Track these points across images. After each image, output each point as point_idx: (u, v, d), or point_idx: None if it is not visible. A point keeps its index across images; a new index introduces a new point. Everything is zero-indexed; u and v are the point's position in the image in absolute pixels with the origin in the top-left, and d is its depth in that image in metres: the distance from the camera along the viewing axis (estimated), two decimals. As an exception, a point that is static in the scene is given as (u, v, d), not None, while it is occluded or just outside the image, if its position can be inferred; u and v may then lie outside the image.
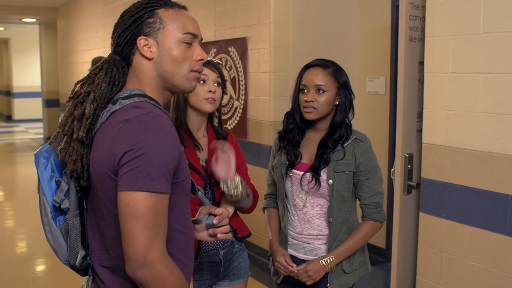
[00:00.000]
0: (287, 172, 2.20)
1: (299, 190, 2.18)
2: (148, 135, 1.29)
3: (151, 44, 1.42)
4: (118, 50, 1.45)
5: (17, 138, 13.70)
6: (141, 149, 1.27)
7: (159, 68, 1.43)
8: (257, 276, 4.18)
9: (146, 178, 1.26)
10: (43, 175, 1.43)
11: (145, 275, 1.26)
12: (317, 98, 2.11)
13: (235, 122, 4.87)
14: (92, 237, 1.45)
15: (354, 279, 2.20)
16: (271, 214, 2.34)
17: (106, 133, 1.35)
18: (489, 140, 2.55)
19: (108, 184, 1.34)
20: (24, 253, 5.15)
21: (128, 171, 1.27)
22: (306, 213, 2.18)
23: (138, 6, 1.44)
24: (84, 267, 1.48)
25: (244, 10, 4.67)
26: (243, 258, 2.29)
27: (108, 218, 1.38)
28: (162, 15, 1.43)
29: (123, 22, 1.44)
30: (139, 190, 1.26)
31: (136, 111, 1.34)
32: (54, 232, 1.45)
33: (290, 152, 2.20)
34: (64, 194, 1.41)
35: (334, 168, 2.10)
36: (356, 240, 2.14)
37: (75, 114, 1.39)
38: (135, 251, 1.26)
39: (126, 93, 1.41)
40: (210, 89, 2.11)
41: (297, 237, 2.22)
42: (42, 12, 11.43)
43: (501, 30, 2.48)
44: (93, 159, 1.38)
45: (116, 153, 1.29)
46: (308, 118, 2.14)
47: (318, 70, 2.15)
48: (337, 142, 2.12)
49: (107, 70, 1.44)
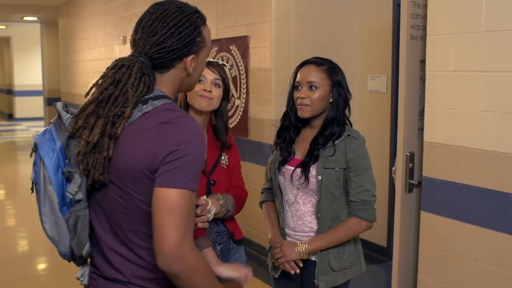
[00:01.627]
0: (279, 167, 2.22)
1: (290, 185, 2.20)
2: (190, 138, 1.37)
3: (194, 61, 1.51)
4: (158, 61, 1.46)
5: (18, 137, 13.71)
6: (184, 150, 1.35)
7: (189, 80, 1.56)
8: (257, 274, 4.18)
9: (186, 177, 1.35)
10: (50, 164, 1.43)
11: (179, 266, 1.34)
12: (310, 94, 2.12)
13: (237, 121, 4.87)
14: (101, 229, 1.49)
15: (344, 278, 2.19)
16: (269, 207, 2.36)
17: (142, 133, 1.40)
18: (490, 138, 2.55)
19: (144, 183, 1.39)
20: (25, 251, 5.16)
21: (170, 169, 1.34)
22: (298, 210, 2.20)
23: (190, 22, 1.48)
24: (89, 256, 1.53)
25: (245, 8, 4.67)
26: (240, 254, 2.31)
27: (133, 213, 1.43)
28: (204, 33, 1.53)
29: (175, 38, 1.45)
30: (179, 187, 1.34)
31: (172, 114, 1.41)
32: (59, 223, 1.46)
33: (283, 149, 2.23)
34: (77, 186, 1.43)
35: (323, 164, 2.11)
36: (336, 233, 2.12)
37: (108, 131, 1.40)
38: (170, 245, 1.32)
39: (152, 93, 1.46)
40: (205, 87, 2.13)
41: (291, 234, 2.24)
42: (43, 10, 11.44)
43: (503, 28, 2.48)
44: (125, 159, 1.40)
45: (158, 152, 1.36)
46: (302, 116, 2.15)
47: (311, 67, 2.16)
48: (328, 139, 2.13)
49: (149, 85, 1.45)
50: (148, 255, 1.45)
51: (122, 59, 1.48)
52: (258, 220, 4.60)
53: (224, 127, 2.24)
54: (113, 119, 1.40)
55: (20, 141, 12.90)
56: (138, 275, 1.47)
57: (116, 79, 1.44)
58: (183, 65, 1.49)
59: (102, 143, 1.40)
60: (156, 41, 1.44)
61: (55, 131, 1.48)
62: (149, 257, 1.45)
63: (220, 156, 2.22)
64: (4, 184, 8.43)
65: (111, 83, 1.44)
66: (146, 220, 1.42)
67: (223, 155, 2.23)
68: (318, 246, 2.13)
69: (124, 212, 1.44)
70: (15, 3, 10.93)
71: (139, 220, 1.43)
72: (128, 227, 1.45)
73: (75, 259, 1.54)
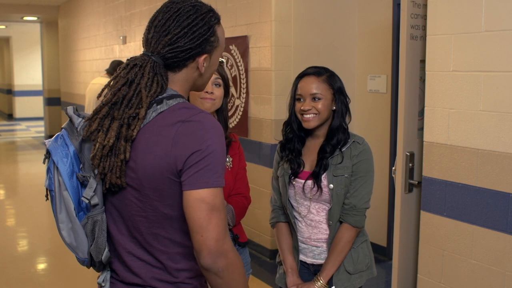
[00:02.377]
0: (290, 180, 2.20)
1: (302, 198, 2.19)
2: (211, 135, 1.35)
3: (206, 60, 1.48)
4: (171, 60, 1.43)
5: (18, 137, 13.70)
6: (207, 148, 1.33)
7: (202, 79, 1.53)
8: (259, 275, 4.19)
9: (216, 175, 1.34)
10: (64, 170, 1.40)
11: (222, 264, 1.34)
12: (314, 105, 2.12)
13: (236, 121, 4.87)
14: (118, 233, 1.47)
15: (361, 282, 2.18)
16: (283, 230, 2.30)
17: (158, 133, 1.36)
18: (490, 138, 2.55)
19: (166, 186, 1.37)
20: (25, 251, 5.16)
21: (198, 170, 1.33)
22: (312, 219, 2.19)
23: (204, 22, 1.44)
24: (108, 262, 1.49)
25: (245, 8, 4.67)
26: (244, 256, 2.31)
27: (152, 217, 1.41)
28: (218, 32, 1.49)
29: (189, 38, 1.42)
30: (212, 186, 1.34)
31: (188, 112, 1.38)
32: (76, 229, 1.43)
33: (293, 161, 2.20)
34: (93, 190, 1.40)
35: (333, 172, 2.11)
36: (336, 250, 2.13)
37: (123, 133, 1.37)
38: (214, 243, 1.33)
39: (166, 93, 1.43)
40: (207, 89, 2.12)
41: (306, 241, 2.23)
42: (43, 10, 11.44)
43: (503, 28, 2.48)
44: (143, 161, 1.37)
45: (179, 155, 1.33)
46: (309, 126, 2.14)
47: (312, 79, 2.15)
48: (335, 147, 2.13)
49: (162, 85, 1.42)
50: (168, 259, 1.44)
51: (134, 58, 1.45)
52: (259, 220, 4.60)
53: (224, 122, 2.24)
54: (128, 121, 1.37)
55: (20, 141, 12.90)
56: (158, 277, 1.45)
57: (129, 79, 1.41)
58: (196, 65, 1.46)
59: (119, 146, 1.37)
60: (169, 41, 1.41)
61: (67, 136, 1.44)
62: (168, 261, 1.44)
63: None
64: (4, 184, 8.43)
65: (124, 84, 1.41)
66: (165, 223, 1.41)
67: (227, 157, 2.23)
68: (332, 271, 2.12)
69: (143, 216, 1.42)
70: (15, 3, 10.93)
71: (158, 224, 1.41)
72: (147, 230, 1.43)
73: (95, 265, 1.50)
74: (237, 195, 2.24)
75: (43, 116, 13.14)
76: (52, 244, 5.12)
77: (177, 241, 1.43)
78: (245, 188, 2.28)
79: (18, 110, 17.37)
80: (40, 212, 6.22)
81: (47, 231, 5.54)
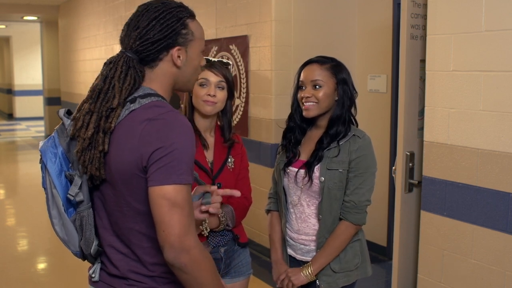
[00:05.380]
0: (284, 169, 2.20)
1: (294, 187, 2.18)
2: (175, 132, 1.38)
3: (182, 53, 1.51)
4: (144, 54, 1.48)
5: (18, 136, 13.70)
6: (171, 146, 1.36)
7: (182, 75, 1.54)
8: (259, 274, 4.19)
9: (178, 172, 1.36)
10: (53, 169, 1.49)
11: (185, 260, 1.37)
12: (315, 93, 2.09)
13: (237, 120, 4.87)
14: (102, 227, 1.53)
15: (347, 281, 2.15)
16: (274, 219, 2.32)
17: (128, 132, 1.42)
18: (490, 138, 2.55)
19: (134, 182, 1.42)
20: (25, 251, 5.16)
21: (160, 167, 1.36)
22: (302, 212, 2.17)
23: (172, 15, 1.48)
24: (98, 255, 1.57)
25: (245, 8, 4.67)
26: (245, 256, 2.30)
27: (126, 211, 1.46)
28: (192, 27, 1.52)
29: (157, 30, 1.46)
30: (174, 183, 1.36)
31: (158, 110, 1.42)
32: (66, 224, 1.51)
33: (289, 150, 2.21)
34: (78, 187, 1.48)
35: (327, 165, 2.08)
36: (332, 244, 2.10)
37: (102, 126, 1.43)
38: (175, 239, 1.35)
39: (141, 91, 1.47)
40: (209, 92, 2.12)
41: (294, 238, 2.21)
42: (43, 10, 11.44)
43: (503, 28, 2.48)
44: (115, 157, 1.43)
45: (144, 151, 1.38)
46: (308, 115, 2.12)
47: (315, 66, 2.14)
48: (334, 138, 2.10)
49: (135, 78, 1.47)
50: (143, 253, 1.48)
51: (111, 56, 1.52)
52: (259, 220, 4.60)
53: (228, 124, 2.24)
54: (106, 114, 1.43)
55: (20, 140, 12.90)
56: (135, 270, 1.50)
57: (104, 75, 1.48)
58: (170, 58, 1.50)
59: (97, 138, 1.43)
60: (139, 34, 1.47)
61: (57, 137, 1.52)
62: (144, 255, 1.48)
63: (227, 158, 2.21)
64: (4, 184, 8.43)
65: (100, 80, 1.48)
66: (138, 218, 1.45)
67: (230, 157, 2.23)
68: (322, 263, 2.11)
69: (119, 211, 1.48)
70: (15, 3, 10.93)
71: (132, 219, 1.46)
72: (123, 225, 1.49)
73: (86, 257, 1.58)
74: None
75: (43, 116, 13.14)
76: (52, 244, 5.11)
77: (151, 236, 1.46)
78: (246, 188, 2.27)
79: (18, 110, 17.36)
80: (40, 212, 6.20)
81: (47, 231, 5.53)
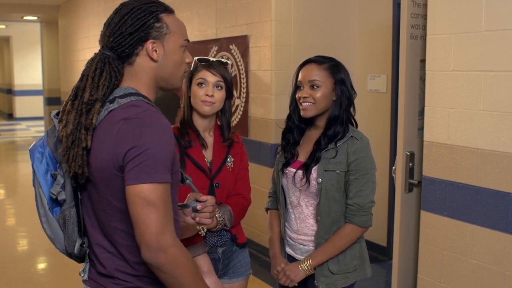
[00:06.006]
0: (283, 169, 2.20)
1: (293, 187, 2.18)
2: (148, 131, 1.38)
3: (158, 47, 1.50)
4: (119, 50, 1.49)
5: (19, 136, 13.70)
6: (144, 145, 1.36)
7: (161, 70, 1.53)
8: (259, 275, 4.19)
9: (152, 171, 1.36)
10: (39, 169, 1.51)
11: (161, 259, 1.36)
12: (312, 93, 2.09)
13: (237, 120, 4.87)
14: (90, 226, 1.54)
15: (346, 283, 2.14)
16: (274, 217, 2.32)
17: (106, 131, 1.43)
18: (490, 138, 2.55)
19: (113, 181, 1.42)
20: (25, 251, 5.16)
21: (134, 166, 1.36)
22: (301, 212, 2.17)
23: (143, 9, 1.50)
24: (82, 254, 1.57)
25: (245, 8, 4.67)
26: (244, 256, 2.29)
27: (109, 210, 1.47)
28: (167, 20, 1.52)
29: (128, 24, 1.48)
30: (148, 182, 1.36)
31: (134, 109, 1.42)
32: (51, 223, 1.54)
33: (287, 150, 2.21)
34: (60, 186, 1.49)
35: (324, 166, 2.07)
36: (335, 243, 2.09)
37: (83, 123, 1.44)
38: (151, 238, 1.35)
39: (121, 91, 1.48)
40: (207, 92, 2.12)
41: (294, 238, 2.21)
42: (43, 10, 11.43)
43: (503, 28, 2.48)
44: (95, 156, 1.44)
45: (119, 151, 1.38)
46: (305, 115, 2.12)
47: (313, 66, 2.13)
48: (331, 139, 2.09)
49: (110, 73, 1.48)
50: (127, 252, 1.48)
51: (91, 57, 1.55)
52: (259, 220, 4.60)
53: (227, 124, 2.24)
54: (85, 110, 1.44)
55: (20, 140, 12.89)
56: (121, 269, 1.50)
57: (82, 74, 1.51)
58: (146, 52, 1.50)
59: (80, 135, 1.44)
60: (112, 30, 1.49)
61: (46, 137, 1.55)
62: (128, 254, 1.48)
63: (226, 158, 2.21)
64: (4, 184, 8.43)
65: (85, 87, 1.49)
66: (120, 217, 1.46)
67: (229, 157, 2.22)
68: (321, 259, 2.10)
69: (102, 209, 1.49)
70: (15, 3, 10.92)
71: (115, 217, 1.47)
72: (108, 224, 1.50)
73: (72, 256, 1.60)
74: (237, 195, 2.23)
75: (43, 116, 13.14)
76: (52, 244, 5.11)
77: (134, 234, 1.46)
78: (245, 188, 2.27)
79: (18, 110, 17.36)
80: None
81: (47, 231, 5.53)
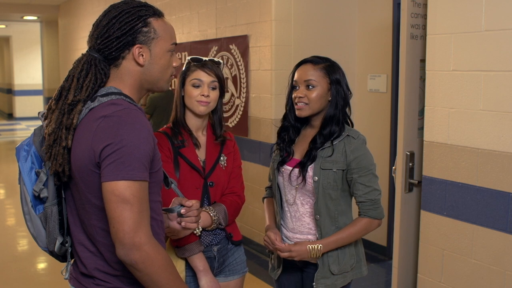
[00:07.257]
0: (278, 168, 2.22)
1: (289, 186, 2.19)
2: (125, 129, 1.39)
3: (144, 52, 1.52)
4: (106, 52, 1.50)
5: (18, 136, 13.71)
6: (120, 142, 1.37)
7: (147, 74, 1.54)
8: (257, 274, 4.19)
9: (128, 168, 1.37)
10: (24, 167, 1.53)
11: (135, 257, 1.36)
12: (308, 93, 2.10)
13: (236, 120, 4.87)
14: (73, 225, 1.55)
15: (344, 282, 2.16)
16: (270, 202, 2.37)
17: (86, 129, 1.44)
18: (490, 138, 2.55)
19: (90, 177, 1.43)
20: (25, 250, 5.16)
21: (110, 163, 1.37)
22: (297, 210, 2.18)
23: (132, 13, 1.50)
24: (63, 253, 1.58)
25: (245, 7, 4.67)
26: (239, 254, 2.30)
27: (88, 208, 1.48)
28: (155, 25, 1.53)
29: (116, 27, 1.49)
30: (123, 179, 1.36)
31: (113, 108, 1.43)
32: (34, 220, 1.54)
33: (282, 149, 2.22)
34: (43, 184, 1.50)
35: (320, 165, 2.08)
36: (348, 233, 2.11)
37: (64, 122, 1.46)
38: (124, 235, 1.36)
39: (104, 91, 1.49)
40: (203, 93, 2.14)
41: (289, 237, 2.21)
42: (43, 10, 11.44)
43: (503, 27, 2.48)
44: (74, 154, 1.46)
45: (96, 148, 1.40)
46: (300, 115, 2.14)
47: (308, 66, 2.15)
48: (327, 138, 2.10)
49: (96, 75, 1.50)
50: (107, 251, 1.49)
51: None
52: (258, 219, 4.60)
53: (219, 121, 2.25)
54: (68, 110, 1.46)
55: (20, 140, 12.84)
56: (100, 269, 1.51)
57: (68, 74, 1.53)
58: (132, 57, 1.51)
59: (61, 134, 1.45)
60: (100, 33, 1.50)
61: (32, 136, 1.57)
62: (107, 253, 1.49)
63: (219, 157, 2.22)
64: (4, 184, 8.44)
65: (70, 87, 1.51)
66: (99, 215, 1.46)
67: (222, 156, 2.23)
68: (332, 247, 2.11)
69: (82, 207, 1.50)
70: (15, 3, 10.93)
71: (94, 215, 1.48)
72: (87, 222, 1.50)
73: (53, 254, 1.60)
74: (231, 194, 2.24)
75: (43, 116, 13.12)
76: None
77: None
78: (239, 187, 2.28)
79: (18, 110, 17.36)
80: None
81: (47, 231, 5.53)
